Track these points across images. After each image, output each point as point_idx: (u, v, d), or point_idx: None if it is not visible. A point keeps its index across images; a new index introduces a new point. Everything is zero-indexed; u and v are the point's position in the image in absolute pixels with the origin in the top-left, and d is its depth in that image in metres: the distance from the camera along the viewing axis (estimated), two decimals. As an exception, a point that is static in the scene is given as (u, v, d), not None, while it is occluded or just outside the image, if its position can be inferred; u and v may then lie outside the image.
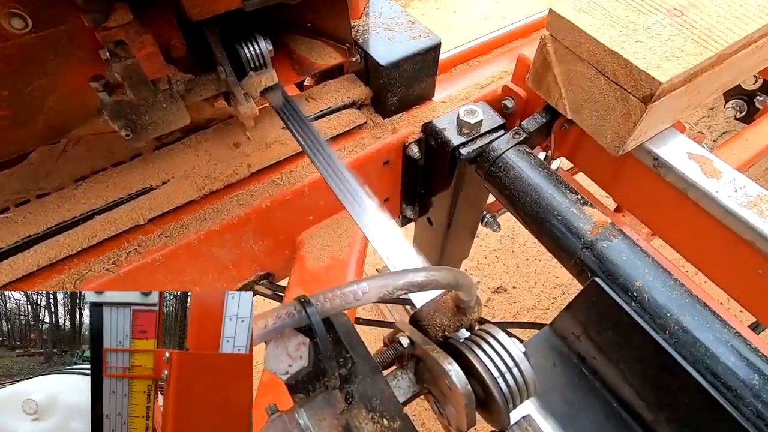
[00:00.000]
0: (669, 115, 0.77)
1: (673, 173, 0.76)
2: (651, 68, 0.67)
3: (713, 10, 0.75)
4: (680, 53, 0.69)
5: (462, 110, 0.91)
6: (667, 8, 0.75)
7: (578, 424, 0.60)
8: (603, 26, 0.73)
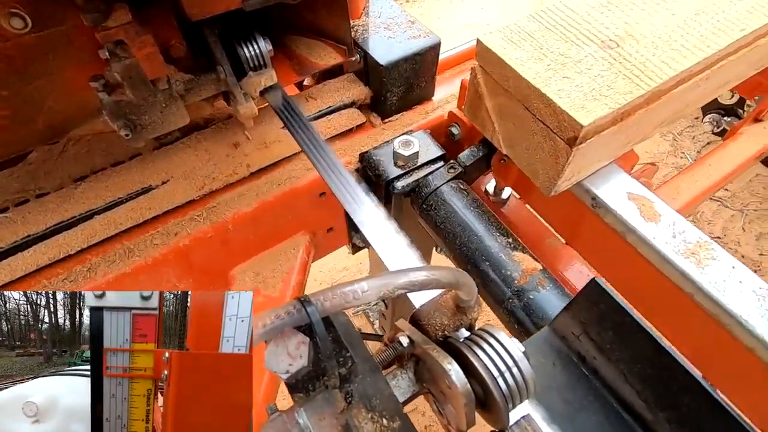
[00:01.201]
0: (605, 153, 0.72)
1: (611, 215, 0.70)
2: (574, 109, 0.61)
3: (651, 42, 0.70)
4: (609, 91, 0.63)
5: (397, 141, 0.85)
6: (602, 39, 0.70)
7: (578, 423, 0.60)
8: (530, 59, 0.67)
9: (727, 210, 2.37)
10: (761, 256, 2.19)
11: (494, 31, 0.72)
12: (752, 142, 1.11)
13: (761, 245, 2.22)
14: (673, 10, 0.73)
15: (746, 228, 2.29)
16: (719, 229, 2.29)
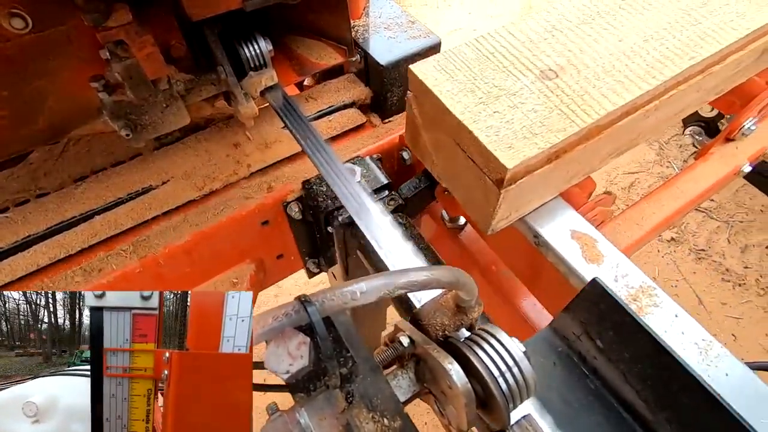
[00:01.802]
0: (546, 189, 0.68)
1: (553, 254, 0.67)
2: (500, 149, 0.56)
3: (593, 72, 0.65)
4: (541, 128, 0.59)
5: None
6: (541, 69, 0.65)
7: (578, 423, 0.60)
8: (462, 92, 0.62)
9: (713, 221, 2.29)
10: (746, 270, 2.12)
11: (429, 59, 0.67)
12: (723, 162, 1.04)
13: (746, 258, 2.15)
14: (621, 36, 0.69)
15: (732, 240, 2.22)
16: (704, 241, 2.22)
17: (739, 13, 0.72)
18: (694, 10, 0.72)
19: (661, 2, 0.74)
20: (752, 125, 1.02)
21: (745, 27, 0.70)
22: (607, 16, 0.72)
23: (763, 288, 2.04)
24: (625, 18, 0.72)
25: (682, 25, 0.70)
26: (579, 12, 0.73)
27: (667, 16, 0.71)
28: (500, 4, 3.48)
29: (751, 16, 0.71)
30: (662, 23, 0.70)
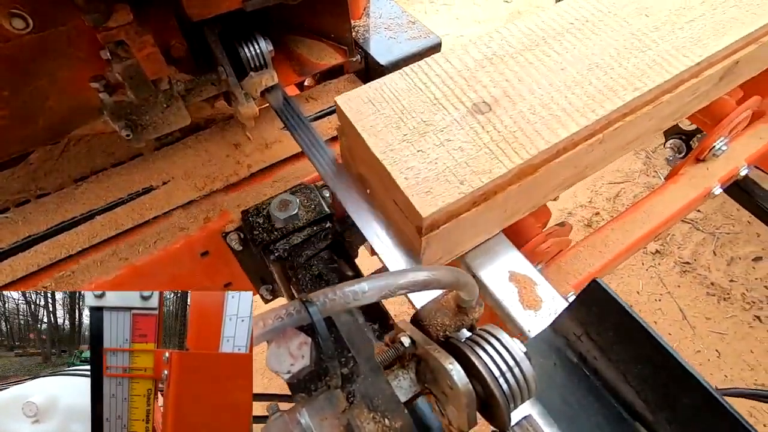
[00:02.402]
0: (480, 231, 0.64)
1: (490, 297, 0.63)
2: (418, 194, 0.51)
3: (528, 105, 0.60)
4: (465, 170, 0.54)
5: (276, 201, 0.73)
6: (474, 101, 0.60)
7: (579, 424, 0.60)
8: (387, 127, 0.57)
9: (699, 233, 2.22)
10: (731, 283, 2.06)
11: (360, 89, 0.62)
12: (692, 185, 0.99)
13: (732, 271, 2.09)
14: (565, 64, 0.65)
15: (717, 252, 2.15)
16: (689, 254, 2.15)
17: (694, 38, 0.68)
18: (646, 35, 0.68)
19: (611, 26, 0.70)
20: (723, 145, 0.98)
21: (698, 54, 0.66)
22: (553, 41, 0.68)
23: (749, 302, 1.99)
24: (572, 44, 0.67)
25: (631, 52, 0.66)
26: (524, 37, 0.68)
27: (616, 42, 0.67)
28: (488, 9, 3.44)
29: (705, 41, 0.67)
30: (610, 50, 0.66)
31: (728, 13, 0.71)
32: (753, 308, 1.96)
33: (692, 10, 0.72)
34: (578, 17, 0.71)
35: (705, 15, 0.71)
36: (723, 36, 0.68)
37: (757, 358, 1.85)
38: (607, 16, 0.71)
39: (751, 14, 0.71)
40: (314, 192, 0.77)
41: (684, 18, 0.70)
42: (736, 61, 0.71)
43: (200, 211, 0.82)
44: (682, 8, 0.72)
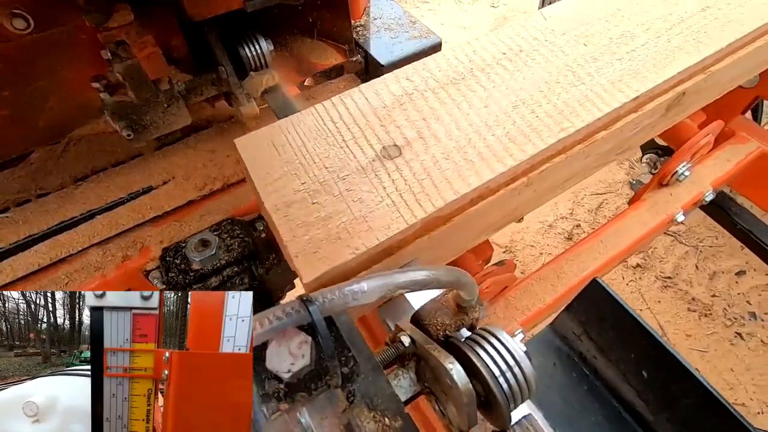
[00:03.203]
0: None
1: None
2: (304, 255, 0.46)
3: (443, 148, 0.54)
4: (362, 225, 0.48)
5: (193, 240, 0.67)
6: (385, 144, 0.54)
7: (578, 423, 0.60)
8: (286, 175, 0.52)
9: (681, 246, 2.14)
10: (713, 298, 1.99)
11: (264, 129, 0.56)
12: (654, 211, 0.93)
13: (714, 285, 2.02)
14: (489, 101, 0.59)
15: (700, 266, 2.08)
16: (671, 267, 2.08)
17: (633, 70, 0.63)
18: (581, 67, 0.64)
19: (545, 56, 0.65)
20: (686, 170, 0.95)
21: (635, 89, 0.61)
22: (481, 74, 0.62)
23: (730, 319, 1.93)
24: (500, 77, 0.62)
25: (563, 86, 0.61)
26: (450, 69, 0.63)
27: (549, 75, 0.62)
28: (474, 14, 3.39)
29: (645, 74, 0.63)
30: (540, 84, 0.61)
31: (673, 42, 0.67)
32: (734, 325, 1.91)
33: (635, 38, 0.67)
34: (512, 46, 0.66)
35: (648, 44, 0.66)
36: (665, 68, 0.64)
37: (737, 376, 1.80)
38: (543, 45, 0.66)
39: (696, 43, 0.67)
40: (242, 228, 0.70)
41: (625, 47, 0.66)
42: (682, 92, 0.67)
43: (118, 249, 0.75)
44: (624, 36, 0.68)
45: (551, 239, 2.15)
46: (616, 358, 0.62)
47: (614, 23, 0.70)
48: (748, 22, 0.70)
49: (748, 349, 1.84)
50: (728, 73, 0.74)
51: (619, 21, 0.70)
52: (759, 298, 1.95)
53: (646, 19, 0.70)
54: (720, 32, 0.69)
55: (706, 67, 0.69)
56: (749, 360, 1.81)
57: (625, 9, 0.72)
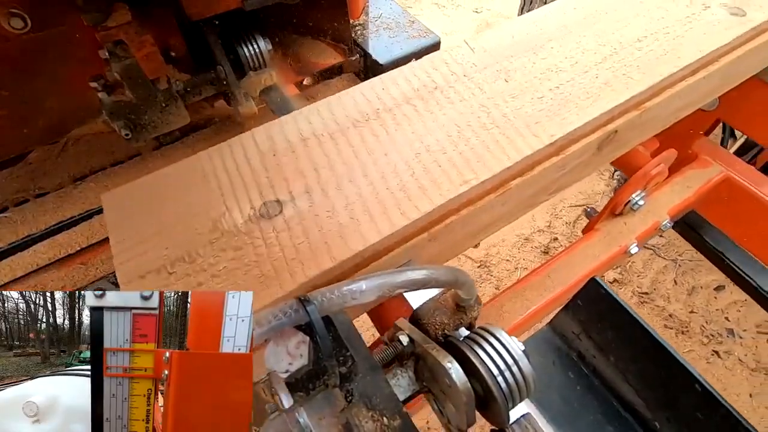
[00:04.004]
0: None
1: None
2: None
3: (329, 206, 0.48)
4: None
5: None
6: (266, 200, 0.48)
7: (577, 422, 0.60)
8: (150, 238, 0.46)
9: (660, 260, 2.07)
10: (691, 314, 1.93)
11: (135, 183, 0.50)
12: (606, 242, 0.86)
13: (693, 301, 1.95)
14: (390, 147, 0.53)
15: (678, 281, 2.02)
16: (649, 283, 2.02)
17: (553, 111, 0.57)
18: (497, 107, 0.58)
19: (461, 94, 0.59)
20: (640, 199, 0.88)
21: (550, 133, 0.55)
22: (387, 115, 0.57)
23: (707, 336, 1.88)
24: (408, 119, 0.56)
25: (474, 130, 0.55)
26: (354, 109, 0.57)
27: (460, 116, 0.56)
28: (457, 20, 3.33)
29: (565, 115, 0.57)
30: (449, 127, 0.55)
31: (601, 77, 0.61)
32: (711, 342, 1.87)
33: (560, 73, 0.62)
34: (427, 82, 0.60)
35: (573, 80, 0.61)
36: (588, 108, 0.58)
37: (714, 397, 1.81)
38: (461, 82, 0.60)
39: (626, 78, 0.61)
40: None
41: (548, 83, 0.60)
42: (613, 130, 0.61)
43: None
44: (549, 71, 0.62)
45: (527, 253, 2.10)
46: (615, 357, 0.62)
47: (541, 56, 0.64)
48: (687, 55, 0.65)
49: (725, 368, 1.81)
50: (669, 107, 0.69)
51: (548, 53, 0.64)
52: (738, 314, 1.90)
53: (576, 52, 0.65)
54: (654, 66, 0.63)
55: (641, 103, 0.63)
56: (726, 380, 1.77)
57: (557, 40, 0.66)
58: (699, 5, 0.72)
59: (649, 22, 0.69)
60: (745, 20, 0.70)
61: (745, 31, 0.69)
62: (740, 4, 0.72)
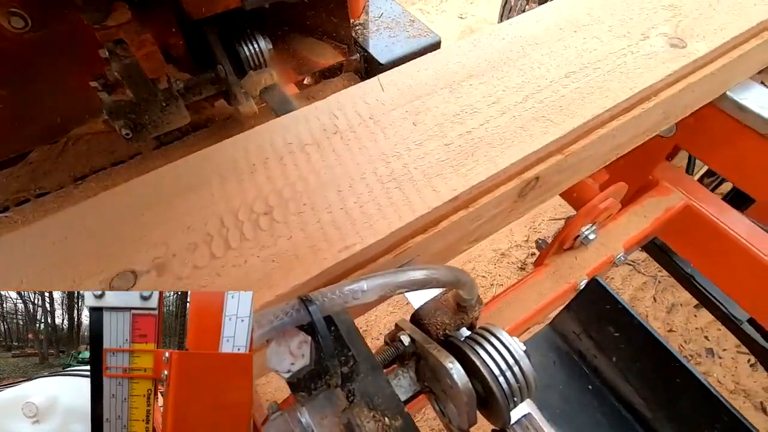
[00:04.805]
0: None
1: None
2: None
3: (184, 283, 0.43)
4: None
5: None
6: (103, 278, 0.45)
7: (578, 421, 0.60)
8: None
9: (640, 276, 2.01)
10: (670, 333, 1.88)
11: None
12: (555, 279, 0.79)
13: (672, 320, 1.90)
14: (305, 190, 0.48)
15: (658, 298, 1.96)
16: (627, 299, 1.95)
17: (457, 161, 0.51)
18: (398, 157, 0.51)
19: (361, 140, 0.53)
20: (591, 233, 0.83)
21: (452, 188, 0.49)
22: (276, 164, 0.51)
23: (687, 356, 1.82)
24: (297, 171, 0.51)
25: (368, 183, 0.49)
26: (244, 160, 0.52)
27: (357, 167, 0.51)
28: (440, 26, 3.30)
29: (471, 165, 0.51)
30: (342, 180, 0.50)
31: (519, 120, 0.55)
32: (690, 362, 1.85)
33: (475, 115, 0.55)
34: (327, 126, 0.54)
35: (488, 123, 0.54)
36: (498, 156, 0.52)
37: (692, 419, 1.78)
38: (364, 125, 0.54)
39: (546, 122, 0.55)
40: None
41: (460, 127, 0.54)
42: (534, 177, 0.55)
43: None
44: (463, 112, 0.56)
45: (504, 269, 2.05)
46: (616, 357, 0.62)
47: (458, 94, 0.58)
48: (617, 93, 0.58)
49: (703, 390, 1.82)
50: (602, 147, 0.62)
51: (465, 91, 0.58)
52: (717, 333, 1.86)
53: (497, 89, 0.58)
54: (579, 106, 0.57)
55: (564, 147, 0.57)
56: (703, 403, 1.79)
57: (478, 75, 0.60)
58: (637, 35, 0.66)
59: (579, 55, 0.63)
60: (685, 52, 0.64)
61: (683, 65, 0.62)
62: (682, 34, 0.66)
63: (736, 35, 0.67)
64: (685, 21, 0.68)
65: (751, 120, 0.82)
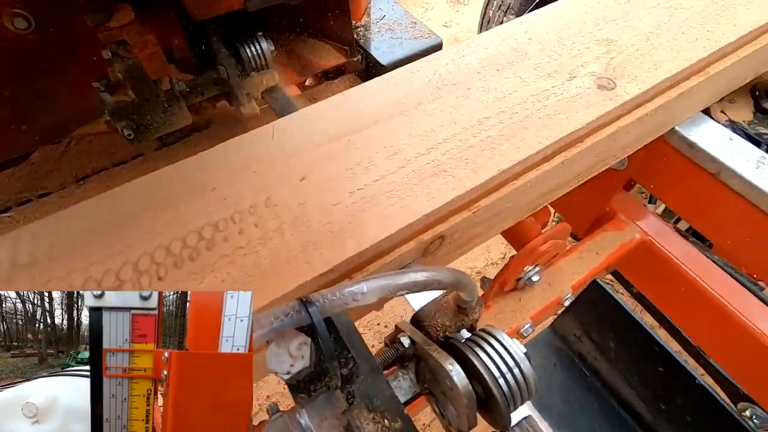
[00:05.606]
0: None
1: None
2: None
3: None
4: None
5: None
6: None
7: (578, 423, 0.60)
8: None
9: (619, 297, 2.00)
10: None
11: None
12: (496, 323, 0.75)
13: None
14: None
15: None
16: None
17: (341, 227, 0.45)
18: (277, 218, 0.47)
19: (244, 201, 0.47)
20: (535, 274, 0.77)
21: (324, 261, 0.44)
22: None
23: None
24: None
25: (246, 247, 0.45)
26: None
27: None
28: None
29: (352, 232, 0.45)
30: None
31: (418, 174, 0.49)
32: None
33: (370, 169, 0.49)
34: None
35: (383, 179, 0.48)
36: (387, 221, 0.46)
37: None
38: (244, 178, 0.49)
39: (448, 177, 0.49)
40: None
41: (352, 183, 0.48)
42: (439, 236, 0.49)
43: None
44: (358, 165, 0.49)
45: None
46: (616, 359, 0.62)
47: (357, 144, 0.51)
48: (530, 142, 0.52)
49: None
50: (522, 198, 0.56)
51: (365, 141, 0.51)
52: None
53: (401, 137, 0.51)
54: (489, 158, 0.50)
55: (471, 203, 0.51)
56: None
57: (385, 121, 0.53)
58: (564, 74, 0.59)
59: (496, 98, 0.56)
60: (612, 95, 0.57)
61: (609, 109, 0.56)
62: (613, 74, 0.60)
63: (674, 74, 0.60)
64: (618, 57, 0.61)
65: (700, 158, 0.73)
